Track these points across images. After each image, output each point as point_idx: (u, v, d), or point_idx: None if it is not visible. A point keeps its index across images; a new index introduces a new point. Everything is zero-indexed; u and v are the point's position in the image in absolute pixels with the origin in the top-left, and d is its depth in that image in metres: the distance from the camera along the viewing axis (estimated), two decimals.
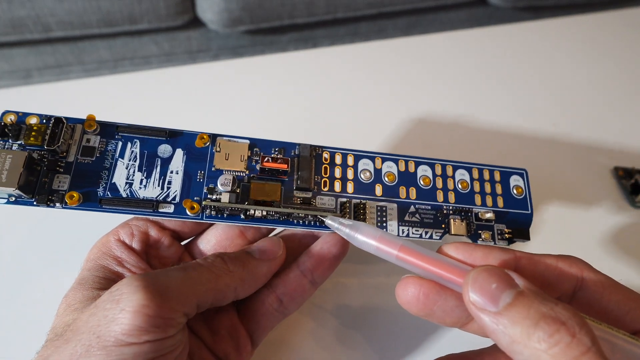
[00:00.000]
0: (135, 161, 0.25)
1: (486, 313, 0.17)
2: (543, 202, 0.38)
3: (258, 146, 0.26)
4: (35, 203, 0.23)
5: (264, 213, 0.25)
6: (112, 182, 0.24)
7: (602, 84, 0.48)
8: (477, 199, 0.28)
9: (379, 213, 0.26)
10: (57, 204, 0.23)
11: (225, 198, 0.25)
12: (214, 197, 0.25)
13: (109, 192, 0.24)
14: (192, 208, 0.24)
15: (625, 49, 0.51)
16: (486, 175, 0.29)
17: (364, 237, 0.22)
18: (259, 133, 0.27)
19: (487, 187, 0.28)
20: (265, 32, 0.92)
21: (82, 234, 0.27)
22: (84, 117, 0.25)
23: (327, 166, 0.27)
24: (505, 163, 0.35)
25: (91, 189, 0.24)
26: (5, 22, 0.76)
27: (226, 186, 0.25)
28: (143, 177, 0.25)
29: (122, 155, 0.25)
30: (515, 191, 0.29)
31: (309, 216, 0.25)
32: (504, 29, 0.51)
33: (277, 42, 0.96)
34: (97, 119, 0.25)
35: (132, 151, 0.25)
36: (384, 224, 0.26)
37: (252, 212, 0.25)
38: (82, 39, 0.85)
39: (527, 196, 0.29)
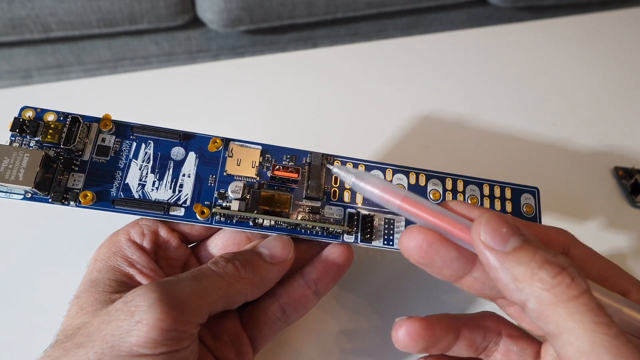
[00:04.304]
0: (148, 162, 0.25)
1: (493, 252, 0.19)
2: (542, 201, 0.38)
3: (270, 152, 0.26)
4: (50, 201, 0.23)
5: (272, 222, 0.25)
6: (125, 182, 0.25)
7: (603, 84, 0.48)
8: None
9: (386, 226, 0.26)
10: (71, 202, 0.24)
11: (235, 206, 0.25)
12: (224, 203, 0.25)
13: (121, 193, 0.24)
14: (202, 212, 0.24)
15: (626, 49, 0.51)
16: (497, 192, 0.28)
17: (369, 186, 0.23)
18: (258, 133, 0.28)
19: (497, 205, 0.28)
20: (265, 32, 0.92)
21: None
22: (98, 116, 0.25)
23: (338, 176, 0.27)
24: (504, 163, 0.34)
25: (105, 189, 0.24)
26: (5, 22, 0.76)
27: (237, 193, 0.25)
28: (156, 179, 0.25)
29: (136, 156, 0.25)
30: (525, 209, 0.28)
31: (317, 227, 0.25)
32: (504, 29, 0.51)
33: (277, 42, 0.96)
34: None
35: (146, 152, 0.25)
36: (391, 237, 0.26)
37: (260, 220, 0.25)
38: (82, 39, 0.85)
39: (537, 215, 0.28)
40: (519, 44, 0.50)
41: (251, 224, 0.25)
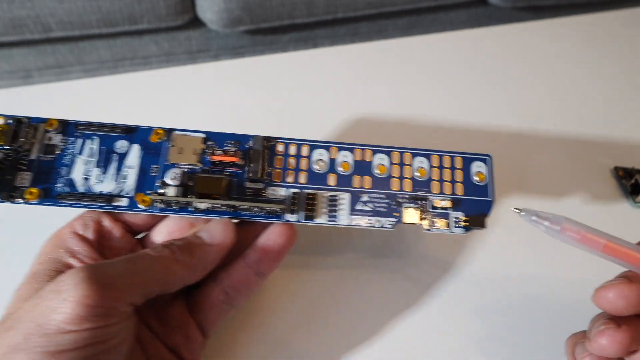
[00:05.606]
0: (93, 157, 0.26)
1: None
2: (543, 201, 0.38)
3: (213, 139, 0.27)
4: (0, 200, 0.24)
5: (209, 206, 0.25)
6: (71, 177, 0.26)
7: (602, 84, 0.48)
8: (435, 186, 0.27)
9: (330, 202, 0.27)
10: (19, 200, 0.25)
11: (171, 192, 0.25)
12: (162, 190, 0.26)
13: (67, 188, 0.25)
14: (143, 201, 0.25)
15: (625, 49, 0.51)
16: (446, 162, 0.28)
17: (567, 232, 0.23)
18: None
19: (447, 174, 0.27)
20: (265, 32, 0.92)
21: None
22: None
23: (282, 157, 0.27)
24: (503, 163, 0.34)
25: (51, 185, 0.25)
26: (5, 22, 0.76)
27: (175, 180, 0.26)
28: (100, 173, 0.26)
29: (81, 152, 0.26)
30: (476, 178, 0.28)
31: (254, 207, 0.26)
32: (504, 29, 0.51)
33: (277, 42, 0.96)
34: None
35: (91, 148, 0.26)
36: (334, 214, 0.26)
37: (199, 205, 0.25)
38: (82, 39, 0.85)
39: (489, 183, 0.28)
40: (519, 44, 0.50)
41: (192, 209, 0.26)
